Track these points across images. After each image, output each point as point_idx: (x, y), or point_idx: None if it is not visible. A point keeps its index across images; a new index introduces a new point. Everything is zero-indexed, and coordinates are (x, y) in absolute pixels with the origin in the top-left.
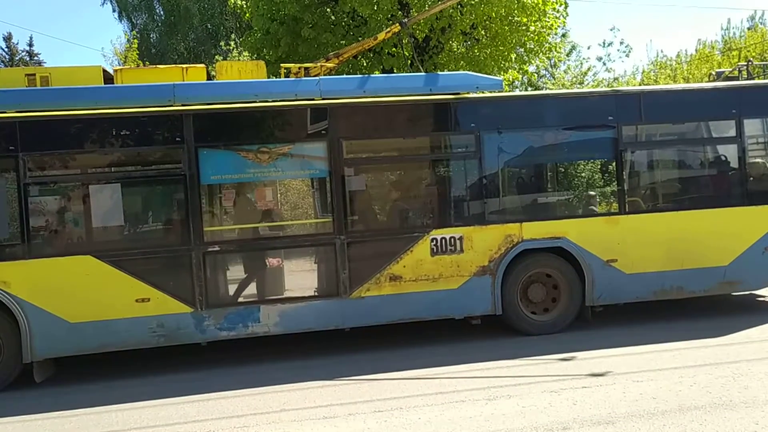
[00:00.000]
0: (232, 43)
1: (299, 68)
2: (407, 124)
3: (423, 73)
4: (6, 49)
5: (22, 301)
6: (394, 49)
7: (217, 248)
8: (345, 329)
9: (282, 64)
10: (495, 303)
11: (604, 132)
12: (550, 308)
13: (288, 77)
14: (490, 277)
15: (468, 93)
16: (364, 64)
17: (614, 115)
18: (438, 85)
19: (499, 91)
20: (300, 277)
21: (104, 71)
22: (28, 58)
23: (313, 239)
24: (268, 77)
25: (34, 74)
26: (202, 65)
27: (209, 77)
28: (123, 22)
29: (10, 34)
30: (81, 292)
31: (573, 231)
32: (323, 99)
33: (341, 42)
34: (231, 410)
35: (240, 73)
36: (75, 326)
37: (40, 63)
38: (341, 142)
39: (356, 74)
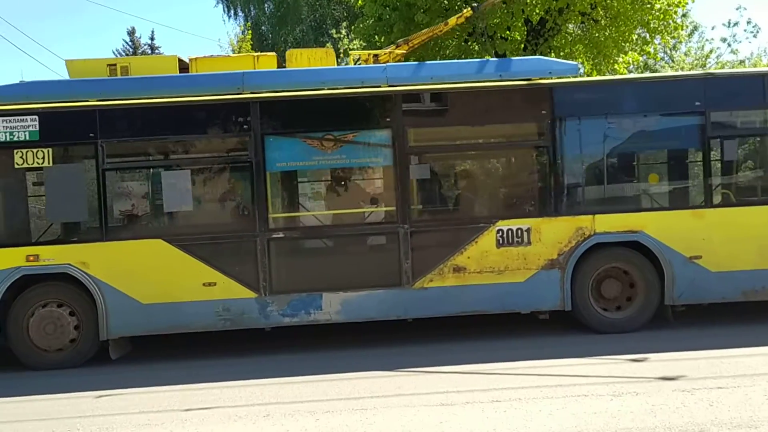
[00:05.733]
0: (343, 31)
1: (369, 55)
2: (474, 111)
3: (494, 59)
4: (130, 43)
5: (99, 281)
6: (507, 32)
7: (281, 235)
8: (408, 320)
9: (351, 51)
10: (564, 298)
11: (691, 118)
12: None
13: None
14: (559, 271)
15: (540, 79)
16: (476, 49)
17: (702, 101)
18: (509, 71)
19: (574, 76)
20: (362, 265)
21: (180, 60)
22: (149, 51)
23: (376, 228)
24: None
25: (115, 64)
26: (273, 53)
27: (280, 65)
28: (238, 17)
29: (133, 28)
30: (152, 274)
31: (652, 224)
32: (389, 86)
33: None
34: (348, 392)
35: (310, 61)
36: (146, 307)
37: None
38: (406, 129)
39: (467, 59)
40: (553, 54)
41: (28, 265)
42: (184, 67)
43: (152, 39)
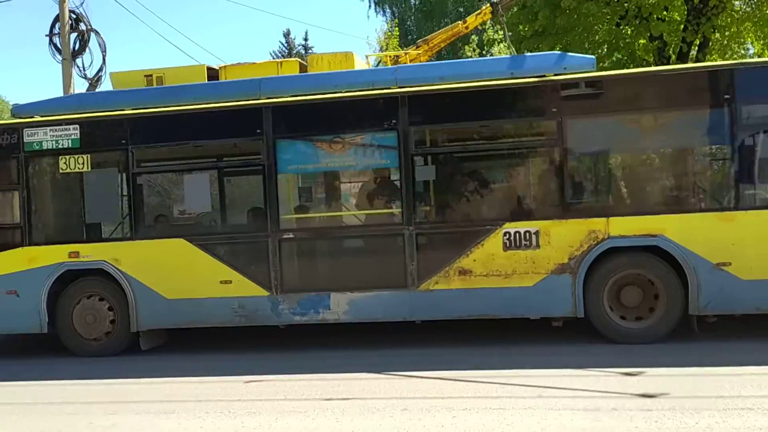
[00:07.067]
0: (488, 21)
1: (388, 57)
2: (481, 111)
3: (507, 56)
4: (285, 44)
5: (130, 276)
6: (664, 13)
7: (291, 235)
8: (416, 321)
9: (367, 54)
10: (576, 304)
11: (717, 112)
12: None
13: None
14: (570, 276)
15: (553, 75)
16: (629, 32)
17: (731, 93)
18: (521, 68)
19: (590, 71)
20: (369, 266)
21: (209, 69)
22: (303, 51)
23: (382, 229)
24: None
25: (151, 75)
26: (296, 59)
27: (303, 70)
28: (385, 13)
29: (288, 30)
30: (175, 271)
31: (672, 228)
32: (399, 87)
33: (603, 10)
34: (486, 391)
35: (330, 65)
36: (171, 302)
37: None
38: (412, 131)
39: (619, 44)
40: (717, 34)
41: (70, 261)
42: (214, 75)
43: (306, 39)
